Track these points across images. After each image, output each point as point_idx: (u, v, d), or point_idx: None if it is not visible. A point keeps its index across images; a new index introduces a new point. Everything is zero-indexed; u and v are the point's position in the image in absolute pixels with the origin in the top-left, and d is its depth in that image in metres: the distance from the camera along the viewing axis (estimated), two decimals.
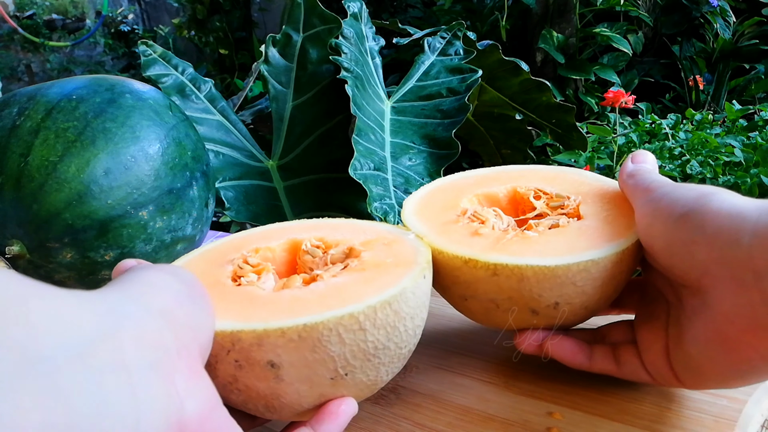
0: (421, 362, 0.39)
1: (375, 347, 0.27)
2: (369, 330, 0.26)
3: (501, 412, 0.33)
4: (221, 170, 0.70)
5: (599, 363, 0.33)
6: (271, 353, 0.25)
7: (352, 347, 0.26)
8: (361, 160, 0.64)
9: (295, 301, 0.27)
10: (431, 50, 0.84)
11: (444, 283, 0.34)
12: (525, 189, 0.38)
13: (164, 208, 0.45)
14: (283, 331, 0.25)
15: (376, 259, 0.30)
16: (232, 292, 0.29)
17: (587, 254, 0.30)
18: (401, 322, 0.27)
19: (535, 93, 0.90)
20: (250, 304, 0.27)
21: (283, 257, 0.34)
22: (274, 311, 0.26)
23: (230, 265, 0.31)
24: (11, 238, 0.42)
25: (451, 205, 0.37)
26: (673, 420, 0.31)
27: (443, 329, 0.42)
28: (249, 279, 0.30)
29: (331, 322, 0.25)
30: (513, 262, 0.30)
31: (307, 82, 0.78)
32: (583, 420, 0.32)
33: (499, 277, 0.31)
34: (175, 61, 0.73)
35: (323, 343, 0.25)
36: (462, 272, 0.32)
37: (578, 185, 0.37)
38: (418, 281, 0.28)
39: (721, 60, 2.20)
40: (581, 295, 0.31)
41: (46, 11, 4.57)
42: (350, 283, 0.28)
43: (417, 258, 0.30)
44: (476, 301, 0.33)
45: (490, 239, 0.33)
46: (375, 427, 0.33)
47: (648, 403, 0.32)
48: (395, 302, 0.27)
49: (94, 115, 0.44)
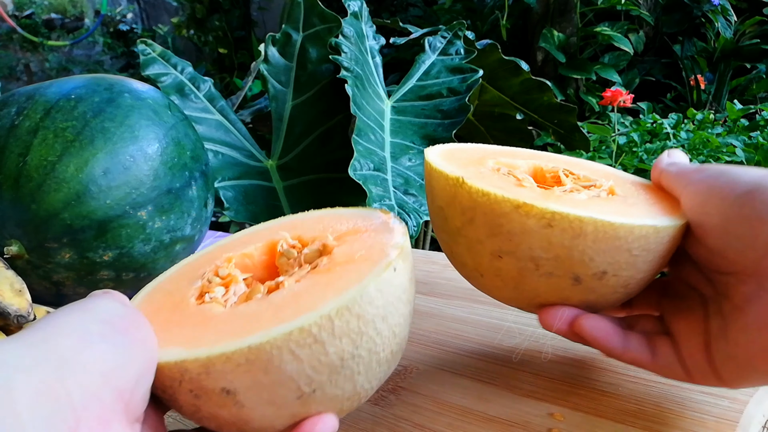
0: (421, 362, 0.38)
1: (341, 358, 0.24)
2: (328, 341, 0.23)
3: (501, 413, 0.33)
4: (220, 170, 0.70)
5: (633, 351, 0.30)
6: (222, 380, 0.23)
7: (312, 362, 0.23)
8: (361, 161, 0.64)
9: (249, 317, 0.25)
10: (432, 50, 0.83)
11: (478, 235, 0.30)
12: (551, 167, 0.35)
13: (163, 208, 0.45)
14: (228, 357, 0.22)
15: (347, 255, 0.27)
16: (189, 314, 0.26)
17: (648, 220, 0.28)
18: (369, 325, 0.25)
19: (536, 93, 0.90)
20: (202, 327, 0.25)
21: (263, 261, 0.31)
22: (222, 333, 0.24)
23: (201, 279, 0.29)
24: (10, 238, 0.42)
25: (478, 162, 0.34)
26: (674, 421, 0.31)
27: (443, 329, 0.42)
28: (213, 295, 0.27)
29: (279, 340, 0.22)
30: (574, 213, 0.27)
31: (307, 81, 0.78)
32: (583, 421, 0.31)
33: (552, 230, 0.28)
34: (174, 61, 0.73)
35: (274, 363, 0.23)
36: (508, 220, 0.28)
37: (602, 174, 0.35)
38: (385, 276, 0.25)
39: (723, 59, 2.20)
40: (631, 268, 0.29)
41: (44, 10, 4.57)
42: (310, 289, 0.25)
43: (387, 248, 0.27)
44: (513, 259, 0.29)
45: (536, 192, 0.30)
46: (375, 428, 0.33)
47: (649, 404, 0.32)
48: (355, 306, 0.24)
49: (93, 115, 0.43)
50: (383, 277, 0.25)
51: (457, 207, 0.30)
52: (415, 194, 0.66)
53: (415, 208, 0.65)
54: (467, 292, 0.47)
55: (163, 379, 0.24)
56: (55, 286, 0.44)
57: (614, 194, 0.32)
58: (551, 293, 0.30)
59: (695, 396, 0.32)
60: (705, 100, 2.17)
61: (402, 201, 0.64)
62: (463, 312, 0.44)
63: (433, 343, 0.41)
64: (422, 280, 0.50)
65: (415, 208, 0.64)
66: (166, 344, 0.24)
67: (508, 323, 0.41)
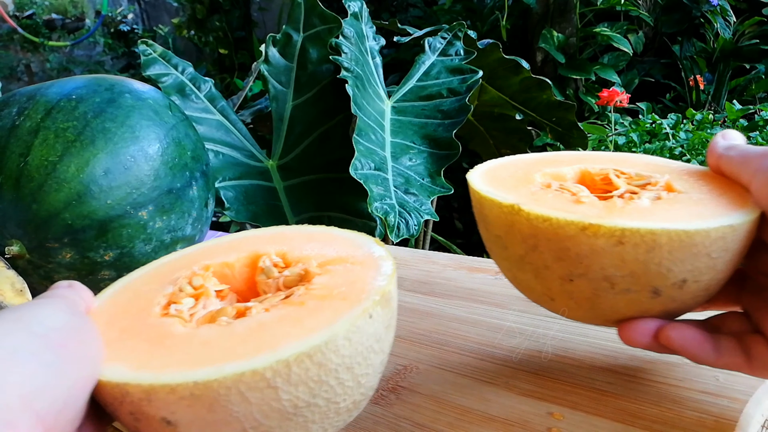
0: (421, 362, 0.38)
1: (294, 405, 0.22)
2: (282, 387, 0.21)
3: (501, 413, 0.33)
4: (221, 170, 0.70)
5: (726, 356, 0.28)
6: (164, 410, 0.21)
7: (262, 407, 0.21)
8: (362, 160, 0.64)
9: (205, 345, 0.23)
10: (432, 50, 0.84)
11: (544, 260, 0.28)
12: (598, 169, 0.33)
13: (164, 208, 0.45)
14: (172, 388, 0.21)
15: (327, 287, 0.25)
16: (148, 326, 0.24)
17: (723, 219, 0.26)
18: (331, 375, 0.22)
19: (536, 91, 0.90)
20: (156, 346, 0.23)
21: (244, 274, 0.29)
22: (172, 359, 0.22)
23: (173, 285, 0.27)
24: (10, 238, 0.42)
25: (525, 180, 0.32)
26: (674, 420, 0.31)
27: (443, 329, 0.42)
28: (180, 307, 0.26)
29: (228, 380, 0.21)
30: (645, 227, 0.26)
31: (307, 81, 0.78)
32: (583, 420, 0.32)
33: (624, 247, 0.26)
34: (174, 61, 0.73)
35: (221, 402, 0.21)
36: (575, 243, 0.27)
37: (653, 167, 0.33)
38: (358, 324, 0.23)
39: (722, 60, 2.20)
40: (711, 271, 0.27)
41: (45, 11, 4.57)
42: (276, 323, 0.23)
43: (368, 289, 0.25)
44: (585, 281, 0.28)
45: (598, 207, 0.28)
46: (375, 427, 0.33)
47: (648, 403, 0.32)
48: (318, 354, 0.22)
49: (94, 115, 0.44)
50: (356, 324, 0.23)
51: (517, 235, 0.29)
52: (415, 193, 0.66)
53: (416, 207, 0.65)
54: (467, 292, 0.47)
55: (105, 395, 0.22)
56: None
57: (674, 191, 0.30)
58: (630, 309, 0.29)
59: (695, 396, 0.33)
60: (704, 101, 2.17)
61: (403, 200, 0.64)
62: (463, 312, 0.44)
63: (433, 342, 0.41)
64: (422, 280, 0.51)
65: (415, 207, 0.65)
66: (114, 358, 0.23)
67: (508, 323, 0.42)
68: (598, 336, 0.39)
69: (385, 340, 0.25)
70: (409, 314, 0.45)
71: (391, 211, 0.62)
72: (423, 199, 0.66)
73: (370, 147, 0.67)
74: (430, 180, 0.68)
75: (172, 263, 0.29)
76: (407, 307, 0.46)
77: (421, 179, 0.68)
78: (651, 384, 0.34)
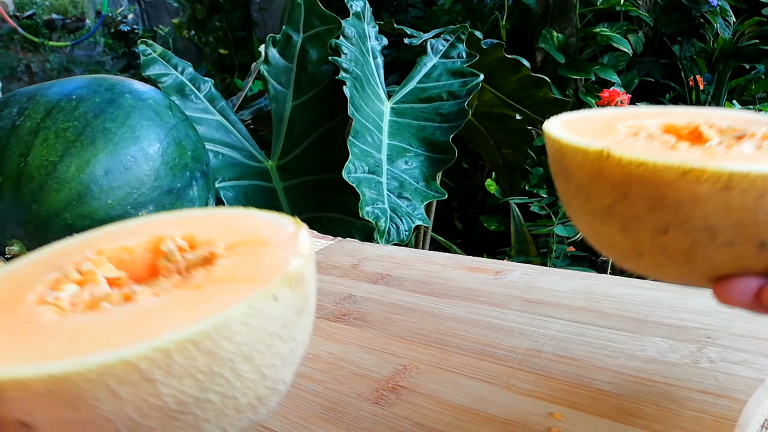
0: (421, 362, 0.39)
1: (179, 401, 0.19)
2: (161, 381, 0.19)
3: (501, 412, 0.33)
4: (221, 170, 0.70)
5: None
6: (18, 411, 0.18)
7: (137, 404, 0.19)
8: (356, 163, 0.64)
9: (72, 334, 0.20)
10: (434, 52, 0.84)
11: (636, 210, 0.26)
12: (685, 122, 0.31)
13: (164, 208, 0.45)
14: (24, 384, 0.18)
15: (230, 270, 0.23)
16: (16, 316, 0.22)
17: None
18: (224, 365, 0.20)
19: (533, 89, 0.91)
20: (17, 337, 0.20)
21: (146, 259, 0.26)
22: (31, 351, 0.19)
23: (58, 271, 0.24)
24: (11, 238, 0.42)
25: (608, 130, 0.30)
26: (674, 420, 0.31)
27: (443, 329, 0.42)
28: (58, 294, 0.23)
29: (92, 373, 0.18)
30: (756, 171, 0.23)
31: (307, 82, 0.78)
32: (583, 420, 0.32)
33: (731, 193, 0.24)
34: (174, 61, 0.73)
35: (85, 400, 0.18)
36: (674, 189, 0.25)
37: (747, 121, 0.30)
38: (258, 306, 0.20)
39: (722, 60, 2.20)
40: None
41: (45, 11, 4.57)
42: (164, 308, 0.21)
43: (278, 270, 0.22)
44: (682, 232, 0.26)
45: (696, 152, 0.26)
46: (375, 427, 0.33)
47: (648, 403, 0.32)
48: (206, 341, 0.19)
49: (94, 115, 0.44)
50: (255, 307, 0.20)
51: (606, 183, 0.27)
52: (409, 198, 0.66)
53: (408, 212, 0.65)
54: (467, 292, 0.47)
55: None
56: None
57: None
58: (730, 264, 0.26)
59: (694, 395, 0.33)
60: (704, 101, 2.17)
61: (395, 205, 0.64)
62: (463, 312, 0.44)
63: (433, 342, 0.41)
64: (422, 280, 0.51)
65: (408, 212, 0.65)
66: None
67: (508, 323, 0.42)
68: (598, 336, 0.39)
69: (295, 326, 0.23)
70: (409, 314, 0.45)
71: (382, 216, 0.62)
72: (416, 204, 0.66)
73: (366, 149, 0.67)
74: (424, 184, 0.68)
75: (63, 249, 0.26)
76: (407, 307, 0.46)
77: (416, 183, 0.68)
78: (651, 384, 0.34)
